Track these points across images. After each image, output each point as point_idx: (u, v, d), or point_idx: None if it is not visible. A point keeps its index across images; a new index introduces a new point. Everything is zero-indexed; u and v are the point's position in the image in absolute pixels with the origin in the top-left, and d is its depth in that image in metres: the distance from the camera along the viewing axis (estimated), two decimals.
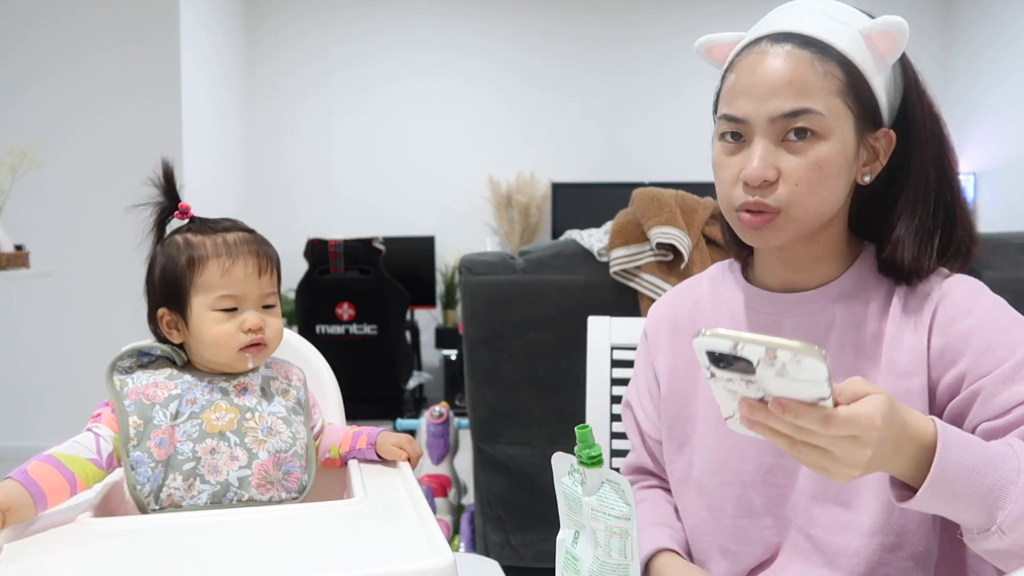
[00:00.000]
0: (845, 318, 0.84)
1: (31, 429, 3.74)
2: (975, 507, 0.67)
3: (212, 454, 0.86)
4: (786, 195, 0.79)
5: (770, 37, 0.80)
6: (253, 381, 0.93)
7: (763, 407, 0.61)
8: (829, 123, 0.78)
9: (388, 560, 0.69)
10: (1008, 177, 4.52)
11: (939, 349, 0.79)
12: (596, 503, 0.67)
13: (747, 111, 0.79)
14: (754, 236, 0.83)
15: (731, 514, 0.88)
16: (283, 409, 0.93)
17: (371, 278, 3.73)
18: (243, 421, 0.89)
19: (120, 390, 0.87)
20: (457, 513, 2.53)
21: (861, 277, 0.86)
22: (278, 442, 0.90)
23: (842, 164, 0.79)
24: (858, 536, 0.80)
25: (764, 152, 0.78)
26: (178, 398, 0.87)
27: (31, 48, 3.70)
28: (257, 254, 0.91)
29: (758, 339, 0.57)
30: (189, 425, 0.86)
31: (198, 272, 0.89)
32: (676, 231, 1.78)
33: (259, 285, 0.91)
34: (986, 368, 0.76)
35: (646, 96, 4.95)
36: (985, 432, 0.75)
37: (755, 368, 0.58)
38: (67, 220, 3.68)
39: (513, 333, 1.87)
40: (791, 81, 0.77)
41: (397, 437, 0.99)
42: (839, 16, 0.80)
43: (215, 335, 0.89)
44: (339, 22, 4.88)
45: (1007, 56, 4.48)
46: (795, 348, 0.56)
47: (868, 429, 0.60)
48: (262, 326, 0.90)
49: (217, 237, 0.90)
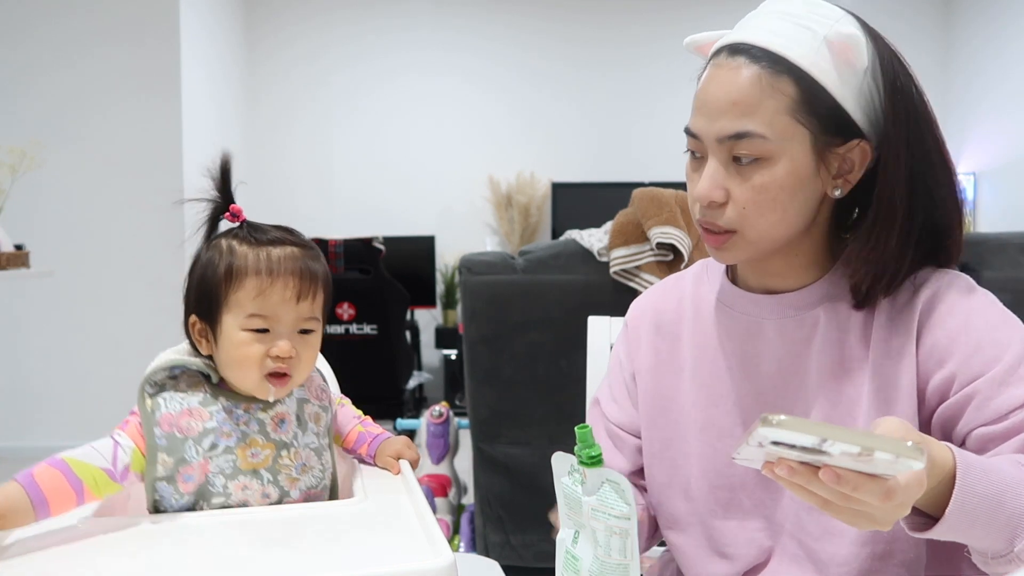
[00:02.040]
0: (830, 319, 0.82)
1: (31, 429, 3.74)
2: (993, 535, 0.66)
3: (243, 491, 0.82)
4: (735, 217, 0.78)
5: (728, 48, 0.78)
6: (289, 409, 0.87)
7: (808, 472, 0.56)
8: (774, 145, 0.75)
9: (388, 560, 0.69)
10: (1008, 177, 4.51)
11: (927, 348, 0.77)
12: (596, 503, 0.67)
13: (699, 128, 0.79)
14: (715, 253, 0.83)
15: (721, 516, 0.87)
16: (315, 439, 0.88)
17: (371, 278, 3.73)
18: (278, 458, 0.84)
19: (152, 413, 0.80)
20: (457, 513, 2.53)
21: (843, 278, 0.83)
22: (310, 479, 0.86)
23: (793, 185, 0.76)
24: (848, 544, 0.79)
25: (713, 173, 0.78)
26: (214, 431, 0.82)
27: (31, 48, 3.69)
28: (301, 275, 0.83)
29: (851, 436, 0.51)
30: (223, 460, 0.81)
31: (234, 287, 0.81)
32: (676, 231, 1.78)
33: (297, 310, 0.83)
34: (977, 369, 0.74)
35: (646, 96, 4.95)
36: (982, 437, 0.73)
37: (833, 459, 0.53)
38: (67, 220, 3.68)
39: (513, 333, 1.87)
40: (736, 101, 0.75)
41: (395, 445, 0.96)
42: (809, 21, 0.76)
43: (240, 357, 0.81)
44: (339, 22, 4.88)
45: (1007, 56, 4.48)
46: (898, 452, 0.51)
47: (916, 494, 0.58)
48: (292, 355, 0.82)
49: (261, 251, 0.83)
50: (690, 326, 0.92)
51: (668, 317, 0.94)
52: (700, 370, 0.89)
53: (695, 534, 0.89)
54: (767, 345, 0.85)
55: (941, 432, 0.78)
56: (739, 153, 0.76)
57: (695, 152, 0.81)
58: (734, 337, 0.87)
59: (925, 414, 0.78)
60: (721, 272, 0.92)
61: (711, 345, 0.89)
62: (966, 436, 0.75)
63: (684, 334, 0.92)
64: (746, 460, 0.61)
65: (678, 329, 0.93)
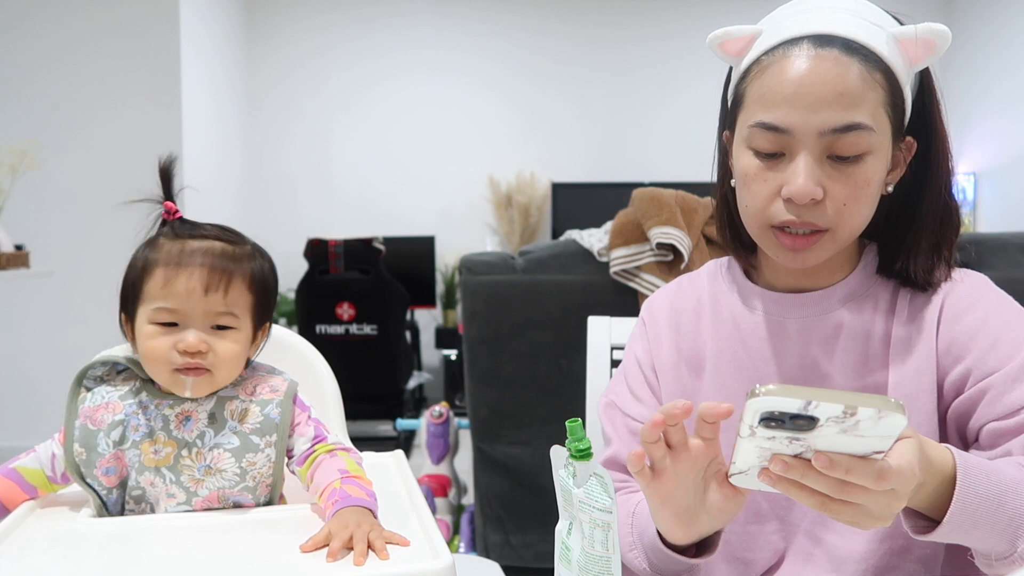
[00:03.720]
0: (853, 318, 0.82)
1: (31, 429, 3.74)
2: (995, 536, 0.66)
3: (152, 487, 0.82)
4: (833, 214, 0.75)
5: (811, 39, 0.73)
6: (202, 406, 0.83)
7: (802, 464, 0.57)
8: (877, 138, 0.73)
9: (387, 561, 0.69)
10: (1008, 177, 4.52)
11: (945, 344, 0.78)
12: (583, 495, 0.68)
13: (792, 121, 0.73)
14: (791, 258, 0.78)
15: (741, 520, 0.86)
16: (235, 439, 0.82)
17: (371, 278, 3.73)
18: (179, 458, 0.82)
19: (77, 407, 0.83)
20: (457, 513, 2.53)
21: (867, 276, 0.84)
22: (220, 480, 0.82)
23: (882, 178, 0.77)
24: (866, 541, 0.79)
25: (811, 168, 0.73)
26: (122, 424, 0.82)
27: (31, 47, 3.69)
28: (212, 268, 0.80)
29: (834, 396, 0.53)
30: (132, 454, 0.82)
31: (146, 278, 0.81)
32: (676, 231, 1.78)
33: (205, 302, 0.80)
34: (992, 365, 0.75)
35: (646, 96, 4.95)
36: (993, 432, 0.74)
37: (820, 425, 0.54)
38: (67, 220, 3.68)
39: (513, 333, 1.87)
40: (843, 92, 0.71)
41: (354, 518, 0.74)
42: (873, 17, 0.76)
43: (146, 350, 0.80)
44: (339, 21, 4.88)
45: (1007, 56, 4.48)
46: (879, 405, 0.52)
47: (908, 481, 0.58)
48: (202, 350, 0.79)
49: (178, 243, 0.82)
50: (710, 325, 0.91)
51: (687, 316, 0.93)
52: (721, 370, 0.88)
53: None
54: (789, 344, 0.85)
55: (955, 426, 0.79)
56: (840, 147, 0.73)
57: (765, 151, 0.76)
58: (755, 336, 0.87)
59: (942, 409, 0.79)
60: (738, 272, 0.91)
61: (732, 345, 0.88)
62: (979, 431, 0.76)
63: (704, 333, 0.91)
64: (742, 476, 0.62)
65: (697, 328, 0.92)
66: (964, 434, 0.79)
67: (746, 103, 0.78)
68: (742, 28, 0.80)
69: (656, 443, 0.66)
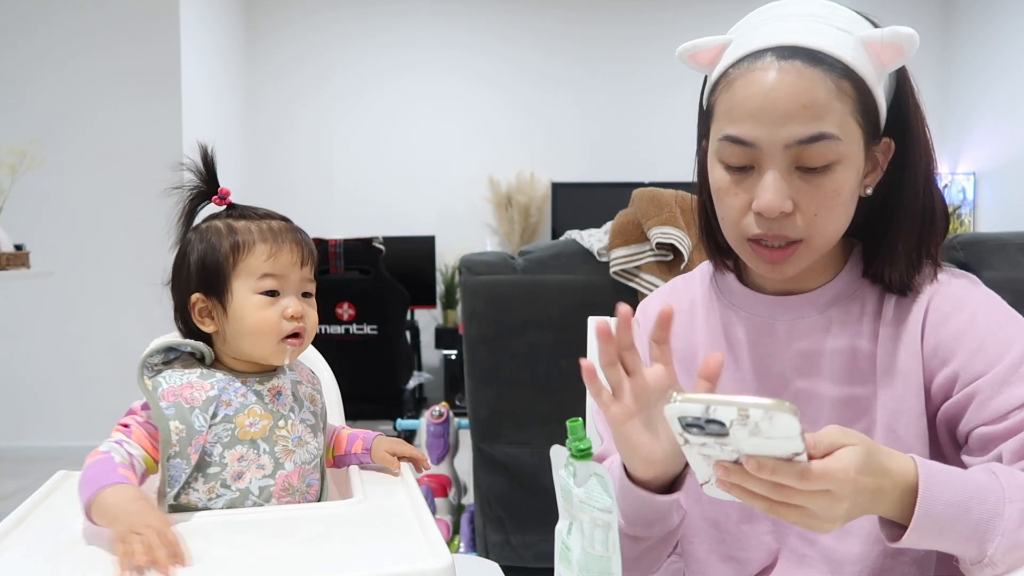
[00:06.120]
0: (841, 320, 0.82)
1: (31, 429, 3.74)
2: (965, 542, 0.67)
3: (239, 461, 0.83)
4: (804, 225, 0.75)
5: (775, 51, 0.73)
6: (285, 385, 0.90)
7: (739, 468, 0.60)
8: (844, 147, 0.73)
9: (386, 561, 0.69)
10: (1008, 177, 4.52)
11: (932, 347, 0.78)
12: (584, 495, 0.68)
13: (758, 135, 0.73)
14: (769, 269, 0.79)
15: (735, 520, 0.87)
16: (311, 416, 0.91)
17: (371, 278, 3.73)
18: (275, 429, 0.86)
19: (154, 391, 0.82)
20: (457, 513, 2.53)
21: (854, 279, 0.84)
22: (304, 454, 0.88)
23: (854, 188, 0.76)
24: (860, 543, 0.79)
25: (778, 182, 0.73)
26: (215, 400, 0.83)
27: (31, 47, 3.70)
28: (300, 243, 0.89)
29: (728, 400, 0.56)
30: (222, 428, 0.83)
31: (242, 256, 0.86)
32: (676, 231, 1.78)
33: (301, 273, 0.89)
34: (979, 368, 0.74)
35: (646, 96, 4.95)
36: (982, 437, 0.74)
37: (728, 430, 0.57)
38: (67, 220, 3.68)
39: (513, 333, 1.87)
40: (807, 104, 0.71)
41: (391, 442, 0.98)
42: (839, 22, 0.75)
43: (258, 321, 0.85)
44: (339, 21, 4.88)
45: (1007, 56, 4.48)
46: (766, 406, 0.55)
47: (842, 483, 0.60)
48: (303, 314, 0.87)
49: (261, 223, 0.88)
50: (702, 328, 0.91)
51: (681, 317, 0.93)
52: None
53: (706, 539, 0.89)
54: (779, 347, 0.85)
55: (946, 429, 0.79)
56: (808, 158, 0.73)
57: (734, 165, 0.77)
58: (745, 339, 0.87)
59: (931, 411, 0.79)
60: (729, 273, 0.91)
61: (722, 348, 0.89)
62: (968, 435, 0.75)
63: (697, 334, 0.92)
64: (709, 486, 0.65)
65: (690, 329, 0.92)
66: (954, 437, 0.78)
67: (716, 116, 0.78)
68: (710, 39, 0.80)
69: (613, 367, 0.71)
